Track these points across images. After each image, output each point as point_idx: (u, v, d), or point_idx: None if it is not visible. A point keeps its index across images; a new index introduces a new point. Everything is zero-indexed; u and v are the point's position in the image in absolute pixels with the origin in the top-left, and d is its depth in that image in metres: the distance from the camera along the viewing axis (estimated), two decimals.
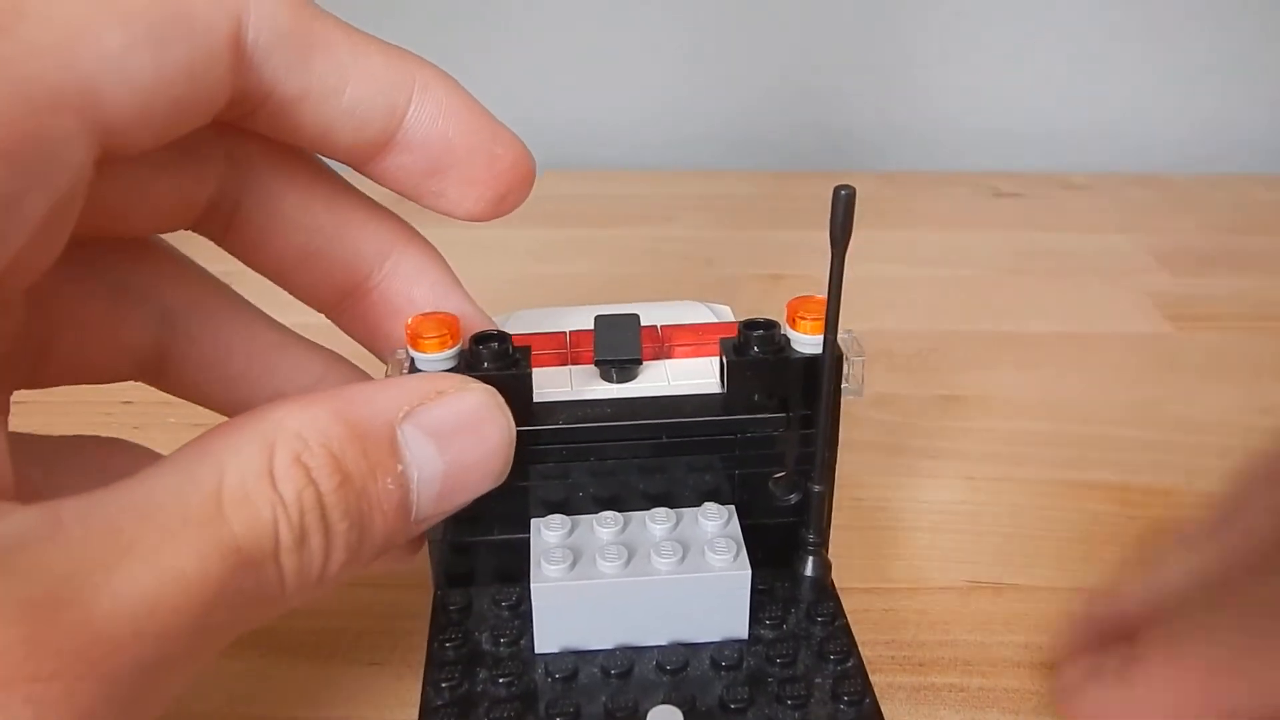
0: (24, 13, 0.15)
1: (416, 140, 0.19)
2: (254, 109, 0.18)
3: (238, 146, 0.20)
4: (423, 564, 0.29)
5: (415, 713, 0.21)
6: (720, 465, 0.22)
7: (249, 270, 0.22)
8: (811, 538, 0.23)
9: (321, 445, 0.16)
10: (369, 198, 0.22)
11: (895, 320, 0.41)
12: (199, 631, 0.15)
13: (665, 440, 0.22)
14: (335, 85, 0.18)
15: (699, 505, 0.22)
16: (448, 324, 0.20)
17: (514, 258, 0.44)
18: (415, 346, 0.20)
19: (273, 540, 0.15)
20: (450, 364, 0.21)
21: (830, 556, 0.23)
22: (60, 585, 0.13)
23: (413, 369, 0.21)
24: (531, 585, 0.21)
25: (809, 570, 0.23)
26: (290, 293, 0.22)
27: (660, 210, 0.52)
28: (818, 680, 0.21)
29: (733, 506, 0.22)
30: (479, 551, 0.23)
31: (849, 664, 0.21)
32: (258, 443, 0.16)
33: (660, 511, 0.22)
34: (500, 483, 0.19)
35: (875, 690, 0.21)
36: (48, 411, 0.31)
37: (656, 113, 0.62)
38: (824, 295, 0.20)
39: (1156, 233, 0.50)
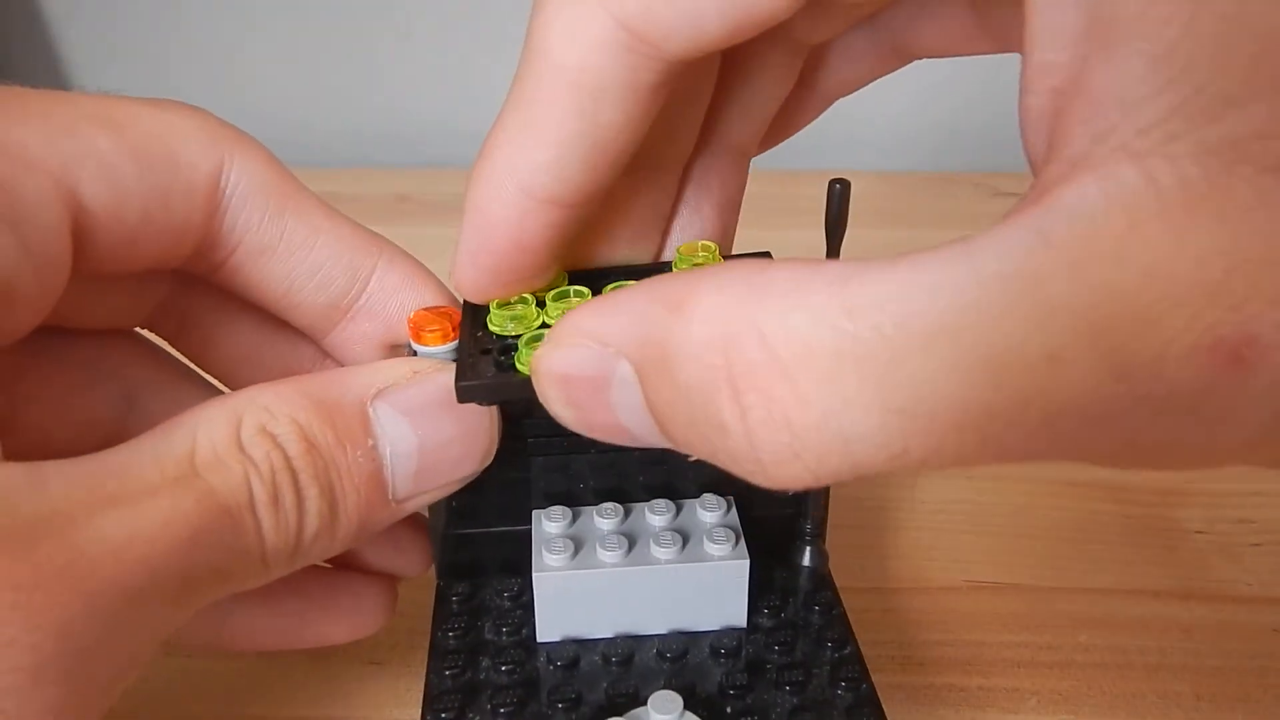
0: (26, 102, 0.17)
1: (377, 308, 0.20)
2: (223, 258, 0.19)
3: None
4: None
5: (416, 713, 0.21)
6: None
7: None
8: (809, 528, 0.23)
9: (287, 416, 0.17)
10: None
11: None
12: (181, 573, 0.15)
13: None
14: (304, 242, 0.19)
15: (698, 496, 0.23)
16: (449, 316, 0.20)
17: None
18: (417, 340, 0.20)
19: (247, 493, 0.16)
20: (452, 356, 0.21)
21: (829, 554, 0.23)
22: (40, 524, 0.14)
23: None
24: (533, 574, 0.21)
25: (806, 560, 0.23)
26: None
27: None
28: (816, 668, 0.21)
29: (731, 498, 0.23)
30: (481, 543, 0.23)
31: (846, 651, 0.22)
32: (227, 414, 0.16)
33: (660, 502, 0.22)
34: (487, 464, 0.19)
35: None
36: None
37: None
38: None
39: None
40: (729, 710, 0.20)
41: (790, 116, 0.22)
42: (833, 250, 0.20)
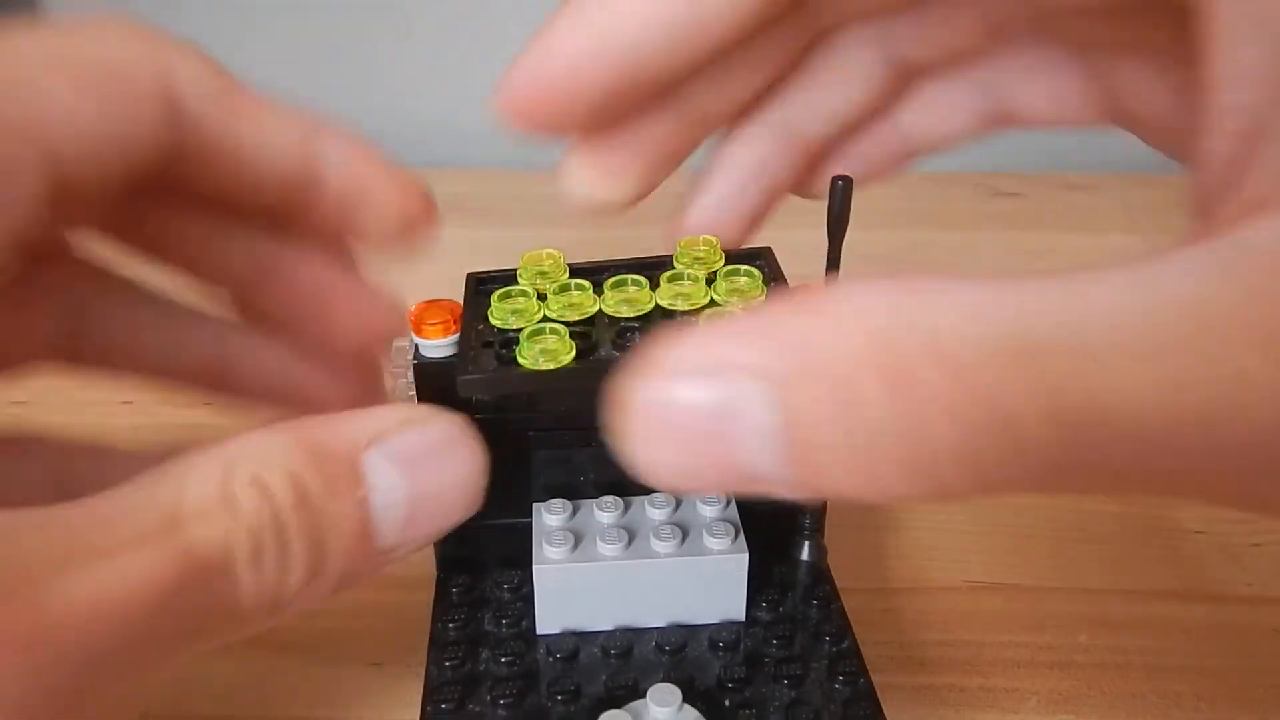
0: None
1: (333, 176, 0.21)
2: (189, 162, 0.19)
3: (64, 285, 0.21)
4: (423, 564, 0.29)
5: (415, 713, 0.21)
6: None
7: None
8: (808, 523, 0.23)
9: (281, 466, 0.16)
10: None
11: None
12: (151, 634, 0.15)
13: None
14: (257, 132, 0.20)
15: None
16: (450, 310, 0.21)
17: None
18: (418, 333, 0.21)
19: (228, 552, 0.15)
20: (453, 349, 0.21)
21: (830, 555, 0.23)
22: (8, 577, 0.14)
23: (417, 355, 0.21)
24: (534, 567, 0.21)
25: (805, 555, 0.23)
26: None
27: (660, 210, 0.51)
28: (814, 661, 0.21)
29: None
30: (481, 536, 0.23)
31: (844, 645, 0.22)
32: (219, 463, 0.16)
33: (659, 496, 0.22)
34: (472, 513, 0.19)
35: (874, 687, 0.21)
36: (47, 412, 0.31)
37: None
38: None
39: (1158, 233, 0.50)
40: (727, 703, 0.20)
41: (870, 152, 0.22)
42: (834, 249, 0.20)
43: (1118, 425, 0.12)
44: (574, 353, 0.19)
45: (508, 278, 0.22)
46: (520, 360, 0.19)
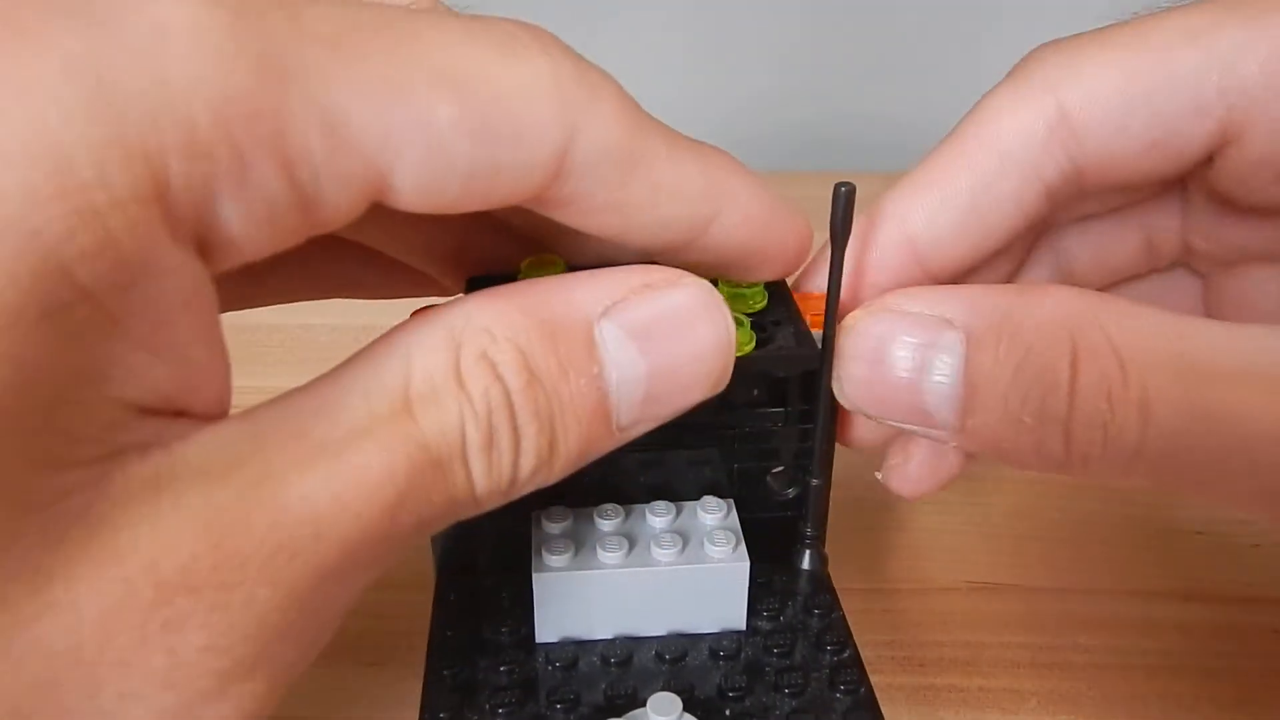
0: (368, 38, 0.14)
1: (713, 246, 0.19)
2: (557, 207, 0.17)
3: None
4: (423, 563, 0.29)
5: (414, 714, 0.21)
6: (719, 459, 0.22)
7: None
8: (809, 531, 0.23)
9: (509, 341, 0.15)
10: None
11: None
12: (383, 536, 0.15)
13: (665, 433, 0.21)
14: (647, 202, 0.17)
15: (698, 499, 0.22)
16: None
17: None
18: None
19: (460, 440, 0.15)
20: None
21: (828, 553, 0.23)
22: (252, 491, 0.13)
23: None
24: (533, 575, 0.21)
25: (806, 564, 0.23)
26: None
27: None
28: (815, 671, 0.21)
29: (731, 501, 0.22)
30: (480, 541, 0.23)
31: (845, 655, 0.21)
32: (445, 338, 0.15)
33: (660, 504, 0.22)
34: (721, 390, 0.18)
35: (875, 690, 0.21)
36: None
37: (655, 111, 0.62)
38: (822, 292, 0.20)
39: None
40: (728, 712, 0.20)
41: None
42: (838, 254, 0.19)
43: (1244, 437, 0.15)
44: None
45: (509, 279, 0.21)
46: None
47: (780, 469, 0.23)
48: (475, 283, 0.22)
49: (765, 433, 0.22)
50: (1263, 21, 0.18)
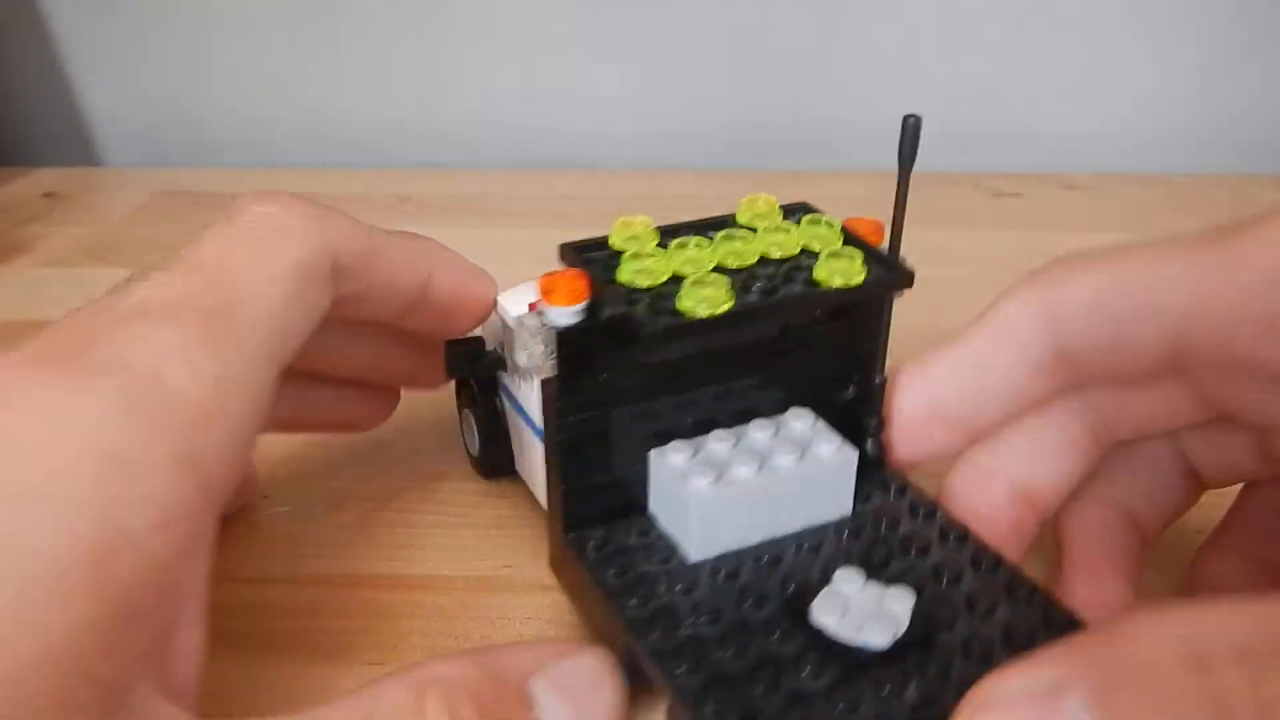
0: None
1: (434, 299, 0.27)
2: (341, 302, 0.24)
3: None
4: (423, 563, 0.29)
5: None
6: (788, 375, 0.26)
7: None
8: (874, 424, 0.26)
9: (465, 688, 0.18)
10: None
11: (895, 321, 0.40)
12: None
13: (743, 358, 0.25)
14: (389, 272, 0.25)
15: (783, 412, 0.25)
16: (576, 279, 0.23)
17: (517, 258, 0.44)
18: (550, 302, 0.22)
19: None
20: (579, 316, 0.23)
21: (885, 446, 0.26)
22: None
23: (548, 322, 0.23)
24: (688, 499, 0.23)
25: (870, 451, 0.26)
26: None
27: (659, 209, 0.51)
28: (919, 531, 0.25)
29: (809, 407, 0.25)
30: (596, 491, 0.25)
31: (936, 514, 0.25)
32: (412, 685, 0.18)
33: (760, 420, 0.25)
34: None
35: None
36: None
37: (652, 112, 0.62)
38: (869, 218, 0.25)
39: (1157, 233, 0.50)
40: (884, 576, 0.23)
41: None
42: (903, 179, 0.23)
43: None
44: (732, 298, 0.22)
45: (601, 244, 0.24)
46: (682, 309, 0.22)
47: (843, 376, 0.26)
48: (565, 249, 0.24)
49: (826, 346, 0.26)
50: (1204, 258, 0.22)
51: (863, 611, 0.21)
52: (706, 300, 0.22)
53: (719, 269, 0.23)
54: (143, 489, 0.17)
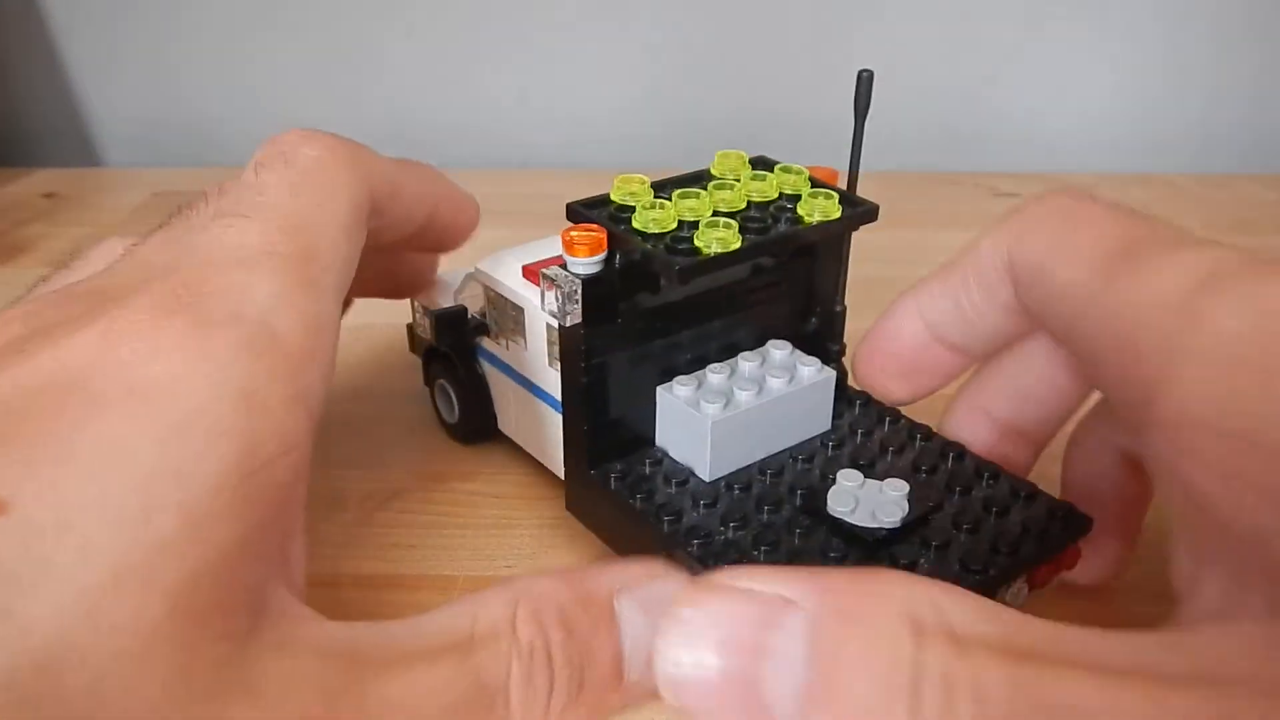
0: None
1: (438, 224, 0.29)
2: (376, 232, 0.26)
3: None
4: (423, 561, 0.29)
5: None
6: (766, 311, 0.29)
7: None
8: (835, 348, 0.30)
9: (554, 603, 0.19)
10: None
11: None
12: None
13: (723, 299, 0.28)
14: (409, 201, 0.27)
15: (762, 345, 0.28)
16: (597, 235, 0.25)
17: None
18: (570, 253, 0.24)
19: (506, 671, 0.19)
20: (597, 268, 0.25)
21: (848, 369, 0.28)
22: (352, 676, 0.18)
23: (570, 271, 0.25)
24: (708, 423, 0.26)
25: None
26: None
27: None
28: (891, 434, 0.28)
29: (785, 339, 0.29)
30: (611, 430, 0.27)
31: (900, 420, 0.29)
32: (506, 599, 0.19)
33: (747, 353, 0.28)
34: None
35: None
36: None
37: (651, 111, 0.62)
38: (826, 167, 0.29)
39: None
40: (875, 475, 0.26)
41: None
42: (859, 127, 0.28)
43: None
44: (740, 237, 0.25)
45: (603, 200, 0.26)
46: (700, 248, 0.24)
47: (806, 309, 0.29)
48: (572, 207, 0.26)
49: (793, 282, 0.29)
50: (1098, 281, 0.21)
51: (870, 501, 0.25)
52: (720, 239, 0.24)
53: (717, 213, 0.26)
54: (272, 422, 0.19)
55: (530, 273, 0.29)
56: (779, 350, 0.28)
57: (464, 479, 0.33)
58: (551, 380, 0.28)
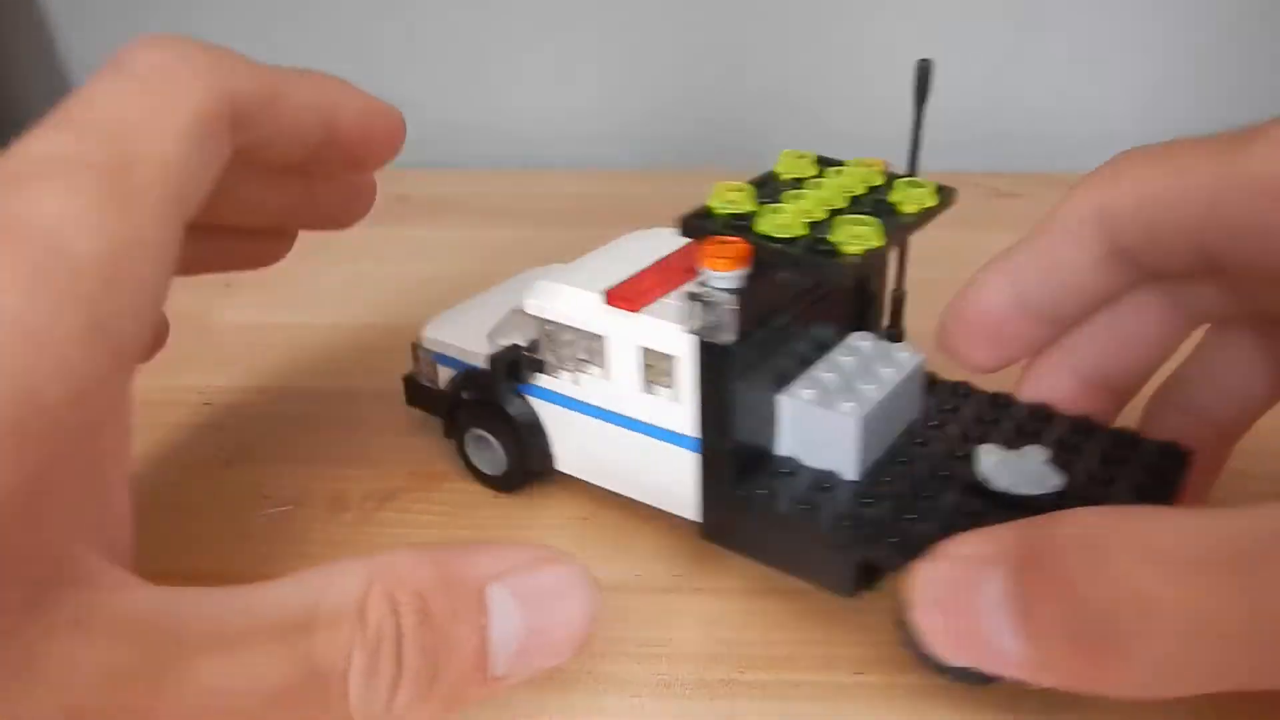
0: None
1: (342, 137, 0.26)
2: (247, 153, 0.23)
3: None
4: None
5: None
6: (849, 310, 0.29)
7: None
8: (895, 332, 0.29)
9: (413, 585, 0.18)
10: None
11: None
12: None
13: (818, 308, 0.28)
14: (293, 121, 0.24)
15: (845, 338, 0.29)
16: (737, 244, 0.23)
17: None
18: (714, 268, 0.23)
19: (345, 660, 0.17)
20: (737, 283, 0.23)
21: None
22: (157, 659, 0.16)
23: (710, 285, 0.23)
24: (852, 422, 0.25)
25: None
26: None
27: (660, 209, 0.51)
28: (978, 406, 0.28)
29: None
30: (744, 446, 0.26)
31: (974, 392, 0.29)
32: (359, 577, 0.18)
33: (844, 346, 0.28)
34: (576, 654, 0.20)
35: (873, 691, 0.21)
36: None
37: (651, 112, 0.62)
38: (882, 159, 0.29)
39: None
40: (1001, 448, 0.25)
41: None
42: (918, 117, 0.28)
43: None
44: (881, 234, 0.24)
45: (706, 213, 0.25)
46: (840, 248, 0.23)
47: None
48: (687, 222, 0.25)
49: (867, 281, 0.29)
50: (1220, 164, 0.22)
51: (1021, 471, 0.25)
52: (859, 236, 0.23)
53: (836, 211, 0.25)
54: (55, 361, 0.16)
55: (618, 298, 0.27)
56: (864, 342, 0.28)
57: (464, 478, 0.33)
58: (644, 407, 0.27)
